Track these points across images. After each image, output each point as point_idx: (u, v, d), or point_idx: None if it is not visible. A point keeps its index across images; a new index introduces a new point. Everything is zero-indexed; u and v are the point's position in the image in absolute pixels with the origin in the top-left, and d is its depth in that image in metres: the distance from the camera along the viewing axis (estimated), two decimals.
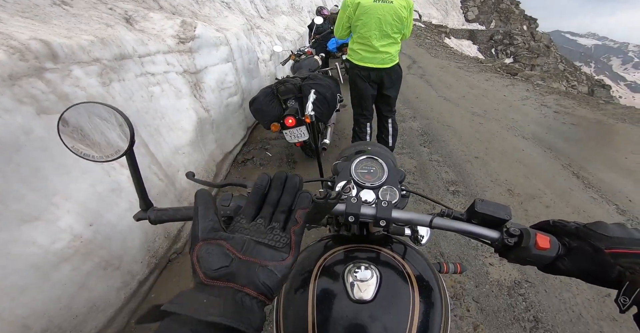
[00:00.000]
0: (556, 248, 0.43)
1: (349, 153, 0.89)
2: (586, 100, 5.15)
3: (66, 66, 1.28)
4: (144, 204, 0.53)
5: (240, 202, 0.50)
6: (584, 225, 0.42)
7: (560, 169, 2.80)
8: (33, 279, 1.04)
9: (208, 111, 2.30)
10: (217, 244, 0.32)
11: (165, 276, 1.70)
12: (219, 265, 0.31)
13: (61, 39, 1.29)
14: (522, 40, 27.84)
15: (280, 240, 0.35)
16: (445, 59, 9.09)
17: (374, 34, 2.02)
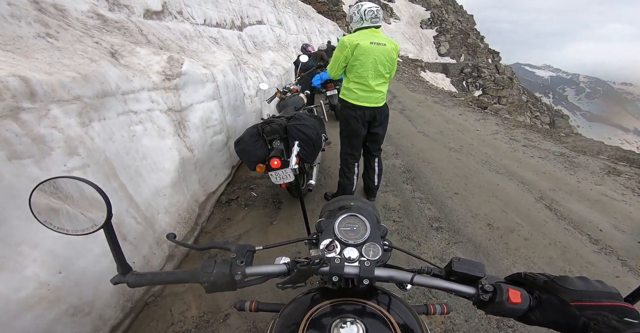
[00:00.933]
0: (527, 302, 0.46)
1: (333, 208, 0.91)
2: (549, 133, 5.57)
3: (44, 105, 1.23)
4: (122, 269, 0.54)
5: (224, 269, 0.51)
6: (552, 278, 0.46)
7: (534, 202, 2.94)
8: None
9: (192, 151, 2.25)
10: None
11: (141, 320, 1.60)
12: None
13: (41, 76, 1.24)
14: (489, 72, 30.35)
15: None
16: (422, 94, 9.67)
17: (370, 73, 2.12)
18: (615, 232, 2.48)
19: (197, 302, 1.72)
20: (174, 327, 1.57)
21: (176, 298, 1.74)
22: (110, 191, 1.47)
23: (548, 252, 2.21)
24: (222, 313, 1.65)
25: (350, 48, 2.07)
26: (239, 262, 0.53)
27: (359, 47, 2.05)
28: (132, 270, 0.54)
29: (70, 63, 1.50)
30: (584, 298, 0.42)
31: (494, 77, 29.73)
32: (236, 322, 1.60)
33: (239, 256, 0.54)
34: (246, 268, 0.53)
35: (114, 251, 0.52)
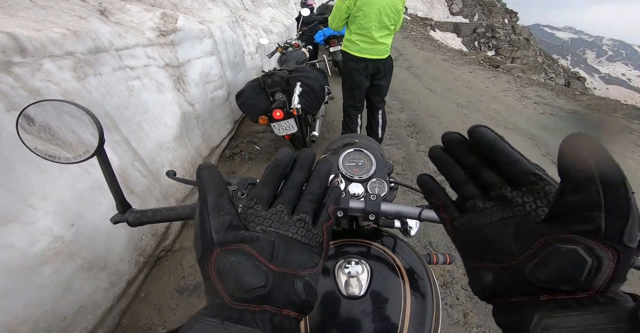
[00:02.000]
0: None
1: (337, 146, 0.88)
2: (563, 91, 5.34)
3: (36, 60, 1.23)
4: (121, 207, 0.50)
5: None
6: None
7: (540, 157, 2.92)
8: (12, 283, 1.00)
9: (193, 105, 2.24)
10: (240, 251, 0.24)
11: (154, 274, 1.67)
12: (253, 285, 0.23)
13: (29, 32, 1.22)
14: (504, 33, 28.46)
15: (314, 237, 0.27)
16: (430, 52, 9.19)
17: (374, 25, 2.03)
18: None
19: None
20: (185, 280, 1.64)
21: (186, 252, 1.81)
22: (113, 144, 1.47)
23: None
24: None
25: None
26: (239, 194, 0.50)
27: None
28: (131, 208, 0.51)
29: (58, 21, 1.47)
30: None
31: (509, 38, 27.91)
32: None
33: (240, 188, 0.51)
34: (247, 200, 0.51)
35: (111, 185, 0.48)
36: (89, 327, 1.26)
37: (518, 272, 0.21)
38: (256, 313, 0.23)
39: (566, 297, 0.19)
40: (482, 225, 0.24)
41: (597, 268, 0.18)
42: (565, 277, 0.19)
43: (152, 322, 1.45)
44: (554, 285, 0.19)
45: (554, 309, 0.19)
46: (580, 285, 0.18)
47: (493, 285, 0.23)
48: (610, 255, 0.18)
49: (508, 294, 0.22)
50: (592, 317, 0.17)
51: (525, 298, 0.21)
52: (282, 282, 0.24)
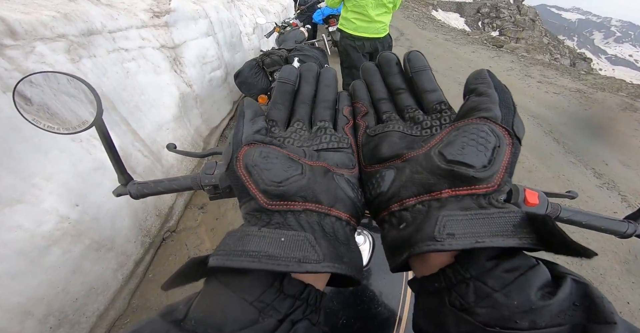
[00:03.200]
0: (545, 204, 0.43)
1: None
2: (568, 71, 5.23)
3: (28, 43, 1.22)
4: (123, 179, 0.50)
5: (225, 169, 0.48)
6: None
7: (543, 135, 2.90)
8: (23, 265, 1.03)
9: (191, 86, 2.23)
10: (270, 147, 0.22)
11: (160, 255, 1.71)
12: (289, 173, 0.20)
13: (18, 15, 1.21)
14: (509, 13, 27.56)
15: (340, 139, 0.26)
16: (432, 32, 8.93)
17: (370, 2, 1.98)
18: (621, 167, 2.46)
19: (210, 235, 1.82)
20: None
21: (190, 233, 1.84)
22: (112, 124, 1.47)
23: (550, 185, 2.23)
24: None
25: None
26: None
27: None
28: (133, 180, 0.51)
29: (47, 3, 1.45)
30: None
31: (515, 19, 27.04)
32: None
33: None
34: None
35: (112, 156, 0.47)
36: (100, 308, 1.29)
37: (423, 160, 0.21)
38: (300, 214, 0.19)
39: (467, 191, 0.18)
40: (394, 130, 0.25)
41: (499, 149, 0.19)
42: (472, 153, 0.19)
43: (161, 302, 1.49)
44: (460, 166, 0.18)
45: (455, 210, 0.18)
46: (485, 167, 0.18)
47: (393, 183, 0.21)
48: (507, 139, 0.20)
49: (407, 195, 0.20)
50: (494, 222, 0.17)
51: (425, 198, 0.19)
52: (322, 176, 0.22)
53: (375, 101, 0.29)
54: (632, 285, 1.57)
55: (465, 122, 0.21)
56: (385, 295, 0.51)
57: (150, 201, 1.66)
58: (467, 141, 0.19)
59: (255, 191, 0.20)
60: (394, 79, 0.28)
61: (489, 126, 0.20)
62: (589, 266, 1.64)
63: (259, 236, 0.18)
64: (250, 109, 0.25)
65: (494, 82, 0.23)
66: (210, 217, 1.94)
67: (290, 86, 0.28)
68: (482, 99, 0.22)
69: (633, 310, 1.45)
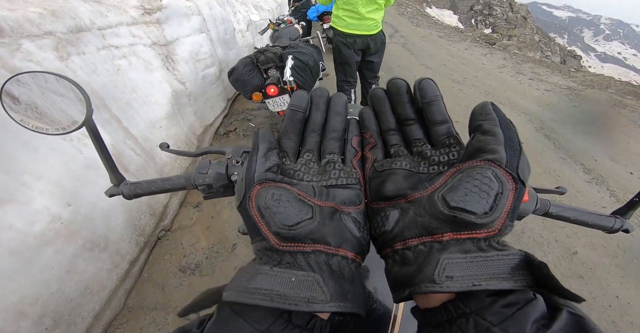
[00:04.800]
0: (534, 201, 0.44)
1: None
2: (559, 68, 5.30)
3: (14, 40, 1.20)
4: (115, 179, 0.50)
5: (220, 169, 0.48)
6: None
7: (534, 131, 2.94)
8: (17, 264, 1.01)
9: (183, 84, 2.20)
10: (281, 187, 0.23)
11: (156, 254, 1.69)
12: (299, 217, 0.21)
13: (3, 12, 1.20)
14: (501, 11, 27.80)
15: (349, 175, 0.26)
16: (426, 29, 8.96)
17: (359, 0, 1.96)
18: (609, 162, 2.51)
19: (206, 234, 1.81)
20: (187, 259, 1.67)
21: (185, 232, 1.82)
22: (103, 122, 1.45)
23: (541, 180, 2.27)
24: (230, 243, 1.75)
25: None
26: (234, 162, 0.49)
27: None
28: (125, 180, 0.50)
29: (32, 0, 1.43)
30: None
31: (507, 16, 27.31)
32: (243, 251, 1.70)
33: (234, 156, 0.50)
34: (242, 168, 0.49)
35: (103, 157, 0.47)
36: (96, 308, 1.28)
37: (426, 203, 0.21)
38: (309, 255, 0.21)
39: (468, 235, 0.19)
40: (400, 168, 0.25)
41: (501, 195, 0.19)
42: (474, 200, 0.19)
43: (157, 301, 1.48)
44: (462, 213, 0.19)
45: (455, 253, 0.19)
46: (486, 213, 0.19)
47: (397, 223, 0.22)
48: (510, 184, 0.20)
49: (410, 236, 0.21)
50: (492, 265, 0.18)
51: (427, 239, 0.20)
52: (330, 218, 0.22)
53: (384, 132, 0.29)
54: (621, 279, 1.59)
55: (470, 165, 0.21)
56: (380, 291, 0.52)
57: (144, 200, 1.65)
58: (470, 187, 0.20)
59: (267, 232, 0.21)
60: (404, 109, 0.28)
61: (492, 171, 0.20)
62: (579, 261, 1.67)
63: (271, 275, 0.19)
64: (264, 143, 0.26)
65: (499, 118, 0.22)
66: (205, 215, 1.93)
67: (301, 114, 0.28)
68: (488, 139, 0.21)
69: (622, 304, 1.48)
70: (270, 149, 0.26)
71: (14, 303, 0.99)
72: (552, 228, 1.85)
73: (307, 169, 0.26)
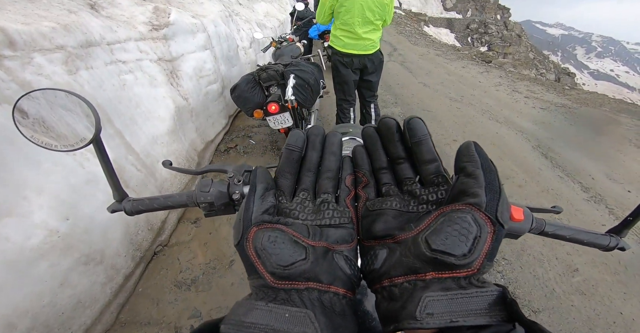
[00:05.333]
0: (530, 220, 0.45)
1: None
2: (553, 86, 5.42)
3: (26, 53, 1.23)
4: (118, 195, 0.50)
5: (221, 188, 0.49)
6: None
7: (531, 150, 2.97)
8: (10, 276, 1.01)
9: (186, 100, 2.23)
10: (277, 229, 0.24)
11: (151, 269, 1.68)
12: (293, 258, 0.22)
13: (18, 26, 1.23)
14: (496, 29, 28.68)
15: (342, 214, 0.28)
16: (424, 47, 9.20)
17: (356, 20, 2.01)
18: (607, 181, 2.53)
19: (203, 249, 1.80)
20: (183, 274, 1.65)
21: (182, 247, 1.81)
22: (106, 137, 1.46)
23: (540, 199, 2.27)
24: (227, 260, 1.73)
25: None
26: (236, 181, 0.50)
27: None
28: (128, 196, 0.51)
29: (47, 14, 1.47)
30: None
31: (502, 34, 28.16)
32: (241, 267, 1.68)
33: (236, 175, 0.51)
34: (244, 187, 0.49)
35: (107, 173, 0.47)
36: (87, 322, 1.26)
37: (411, 245, 0.23)
38: (302, 292, 0.22)
39: (449, 275, 0.21)
40: (390, 208, 0.27)
41: (479, 238, 0.21)
42: (454, 243, 0.21)
43: (150, 316, 1.45)
44: (442, 255, 0.21)
45: (437, 291, 0.20)
46: (465, 255, 0.20)
47: (385, 262, 0.24)
48: (489, 227, 0.21)
49: (396, 274, 0.23)
50: (471, 301, 0.19)
51: (411, 277, 0.22)
52: (322, 257, 0.24)
53: (376, 170, 0.30)
54: (624, 296, 1.59)
55: (451, 208, 0.23)
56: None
57: (143, 215, 1.63)
58: (451, 231, 0.21)
59: (263, 271, 0.22)
60: (394, 148, 0.29)
61: (472, 215, 0.21)
62: (580, 278, 1.66)
63: (266, 311, 0.20)
64: (262, 184, 0.27)
65: (481, 160, 0.24)
66: (203, 232, 1.92)
67: (297, 154, 0.30)
68: (470, 182, 0.23)
69: (627, 320, 1.47)
70: (267, 189, 0.27)
71: (4, 314, 0.99)
72: (552, 245, 1.85)
73: (302, 208, 0.28)
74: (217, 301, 1.53)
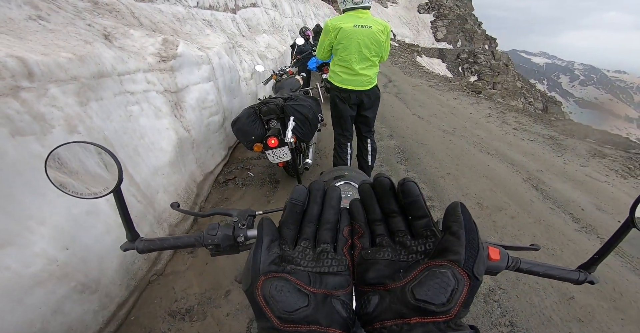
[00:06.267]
0: (505, 259, 0.50)
1: (328, 178, 0.95)
2: (540, 117, 5.66)
3: (42, 85, 1.26)
4: (131, 236, 0.54)
5: (227, 231, 0.53)
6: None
7: (522, 182, 3.05)
8: (5, 303, 1.01)
9: (189, 131, 2.27)
10: (283, 278, 0.28)
11: (145, 298, 1.65)
12: (297, 305, 0.27)
13: (38, 56, 1.26)
14: (485, 59, 30.13)
15: (339, 262, 0.31)
16: (417, 78, 9.61)
17: (353, 57, 2.09)
18: (596, 212, 2.60)
19: (199, 279, 1.78)
20: (177, 304, 1.63)
21: (178, 277, 1.79)
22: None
23: (532, 230, 2.32)
24: (223, 290, 1.72)
25: (333, 32, 2.06)
26: (240, 225, 0.54)
27: (342, 31, 2.04)
28: (140, 237, 0.55)
29: (65, 45, 1.51)
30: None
31: (490, 64, 29.58)
32: (237, 297, 1.67)
33: (240, 219, 0.55)
34: (247, 230, 0.54)
35: (123, 217, 0.52)
36: None
37: (399, 294, 0.27)
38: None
39: (430, 320, 0.24)
40: (383, 258, 0.31)
41: (457, 290, 0.25)
42: (435, 294, 0.25)
43: None
44: (425, 304, 0.25)
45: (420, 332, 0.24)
46: (444, 304, 0.24)
47: (376, 307, 0.28)
48: (465, 281, 0.25)
49: (386, 318, 0.27)
50: None
51: (399, 321, 0.26)
52: (322, 303, 0.28)
53: (371, 222, 0.34)
54: (621, 322, 1.60)
55: (435, 263, 0.27)
56: None
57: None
58: (433, 284, 0.25)
59: (271, 316, 0.26)
60: (388, 204, 0.33)
61: (452, 271, 0.25)
62: (577, 305, 1.67)
63: None
64: (268, 236, 0.31)
65: (465, 221, 0.27)
66: (200, 262, 1.91)
67: (300, 207, 0.33)
68: (453, 241, 0.27)
69: None
70: (272, 240, 0.31)
71: None
72: None
73: (303, 256, 0.31)
74: (211, 332, 1.51)
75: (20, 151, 1.13)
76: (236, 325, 1.54)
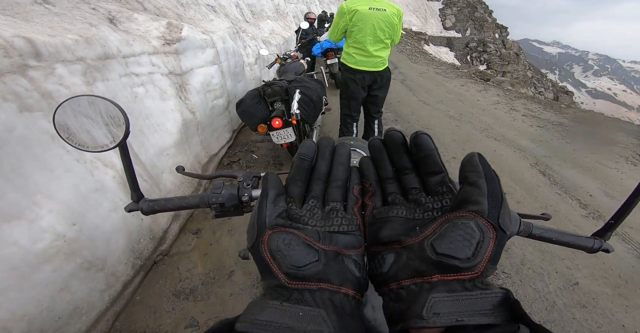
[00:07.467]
0: (517, 223, 0.48)
1: None
2: (550, 104, 5.53)
3: (50, 64, 1.29)
4: (136, 196, 0.54)
5: (232, 190, 0.52)
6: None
7: (529, 167, 3.01)
8: (12, 280, 1.03)
9: (193, 113, 2.30)
10: (291, 232, 0.26)
11: (150, 278, 1.68)
12: (307, 259, 0.24)
13: (45, 38, 1.29)
14: (495, 48, 29.32)
15: (350, 222, 0.29)
16: (424, 65, 9.42)
17: (368, 39, 2.13)
18: (604, 198, 2.55)
19: (203, 260, 1.81)
20: (182, 284, 1.66)
21: (183, 257, 1.82)
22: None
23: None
24: (227, 270, 1.74)
25: (349, 14, 2.08)
26: (245, 184, 0.54)
27: (358, 13, 2.06)
28: (144, 197, 0.54)
29: (71, 27, 1.55)
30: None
31: (500, 53, 28.77)
32: (240, 278, 1.70)
33: (245, 180, 0.55)
34: (252, 190, 0.53)
35: (128, 175, 0.52)
36: (82, 329, 1.26)
37: (417, 249, 0.24)
38: (315, 292, 0.23)
39: (454, 277, 0.22)
40: (396, 215, 0.28)
41: (482, 242, 0.22)
42: (458, 247, 0.22)
43: (146, 325, 1.45)
44: (447, 258, 0.22)
45: (442, 292, 0.21)
46: (469, 259, 0.22)
47: (392, 266, 0.25)
48: (491, 233, 0.22)
49: (403, 277, 0.24)
50: (476, 302, 0.20)
51: (418, 280, 0.23)
52: (334, 260, 0.26)
53: (382, 180, 0.31)
54: (625, 309, 1.59)
55: (455, 215, 0.24)
56: (378, 309, 0.54)
57: (146, 224, 1.67)
58: (455, 236, 0.22)
59: (278, 272, 0.24)
60: (400, 159, 0.30)
61: (475, 221, 0.22)
62: (581, 292, 1.66)
63: (281, 310, 0.21)
64: (273, 190, 0.28)
65: (484, 170, 0.24)
66: (204, 242, 1.94)
67: (308, 163, 0.31)
68: (473, 191, 0.24)
69: (629, 332, 1.48)
70: (278, 194, 0.28)
71: (1, 318, 0.99)
72: (552, 259, 1.86)
73: (311, 215, 0.29)
74: (215, 311, 1.53)
75: (29, 126, 1.15)
76: (240, 304, 1.56)
